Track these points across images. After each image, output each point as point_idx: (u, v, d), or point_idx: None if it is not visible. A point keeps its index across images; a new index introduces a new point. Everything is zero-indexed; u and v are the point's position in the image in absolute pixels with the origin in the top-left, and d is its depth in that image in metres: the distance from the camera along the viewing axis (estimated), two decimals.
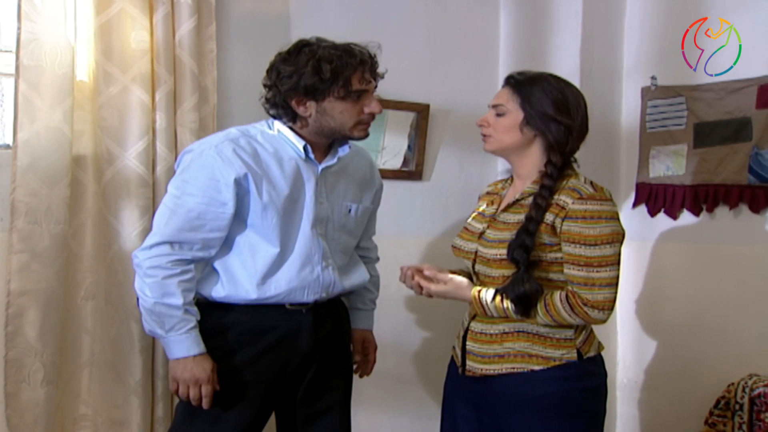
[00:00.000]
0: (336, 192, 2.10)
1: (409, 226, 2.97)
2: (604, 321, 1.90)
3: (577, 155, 3.04)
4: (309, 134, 2.03)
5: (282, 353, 2.03)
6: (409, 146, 3.03)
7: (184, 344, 1.92)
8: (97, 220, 2.35)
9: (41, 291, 2.21)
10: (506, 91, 1.99)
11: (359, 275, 2.20)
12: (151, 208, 2.36)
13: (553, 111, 1.94)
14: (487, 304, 1.93)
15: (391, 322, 2.97)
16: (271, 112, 2.04)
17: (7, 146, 2.30)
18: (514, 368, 1.93)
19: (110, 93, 2.32)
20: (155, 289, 1.90)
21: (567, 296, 1.87)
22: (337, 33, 2.67)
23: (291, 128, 2.03)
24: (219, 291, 1.99)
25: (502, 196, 2.07)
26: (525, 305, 1.86)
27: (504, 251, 1.90)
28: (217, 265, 2.01)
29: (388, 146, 2.98)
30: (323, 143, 2.06)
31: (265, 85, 2.03)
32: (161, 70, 2.37)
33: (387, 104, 2.92)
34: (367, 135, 2.05)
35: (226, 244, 2.00)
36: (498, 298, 1.91)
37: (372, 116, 2.03)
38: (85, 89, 2.34)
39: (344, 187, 2.12)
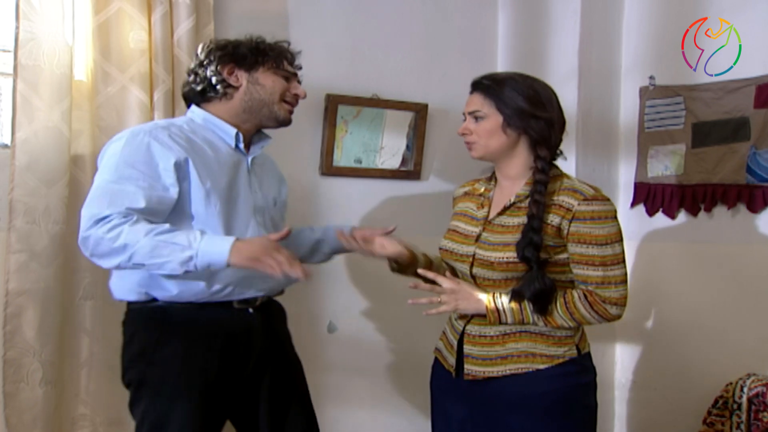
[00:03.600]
0: (264, 183, 2.12)
1: (407, 226, 2.96)
2: (620, 317, 1.94)
3: (574, 155, 3.05)
4: (235, 114, 2.02)
5: (236, 353, 1.98)
6: (407, 146, 3.03)
7: (214, 243, 1.77)
8: None
9: (39, 291, 2.21)
10: (478, 97, 1.99)
11: None
12: None
13: (529, 107, 1.95)
14: (503, 311, 1.93)
15: (389, 322, 2.98)
16: (196, 89, 2.02)
17: (6, 146, 2.30)
18: (518, 369, 1.94)
19: (108, 93, 2.32)
20: (134, 235, 1.73)
21: (585, 295, 1.90)
22: (335, 32, 2.68)
23: (216, 115, 2.02)
24: (168, 290, 1.91)
25: (489, 198, 2.06)
26: (542, 303, 1.89)
27: (509, 254, 1.91)
28: None
29: (387, 146, 2.98)
30: (249, 131, 2.07)
31: (191, 70, 2.05)
32: (159, 70, 2.37)
33: (385, 104, 2.93)
34: (289, 120, 2.10)
35: None
36: (514, 301, 1.92)
37: (296, 98, 2.09)
38: (84, 89, 2.34)
39: (268, 180, 2.15)
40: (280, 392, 2.10)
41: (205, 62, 2.02)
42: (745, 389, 2.54)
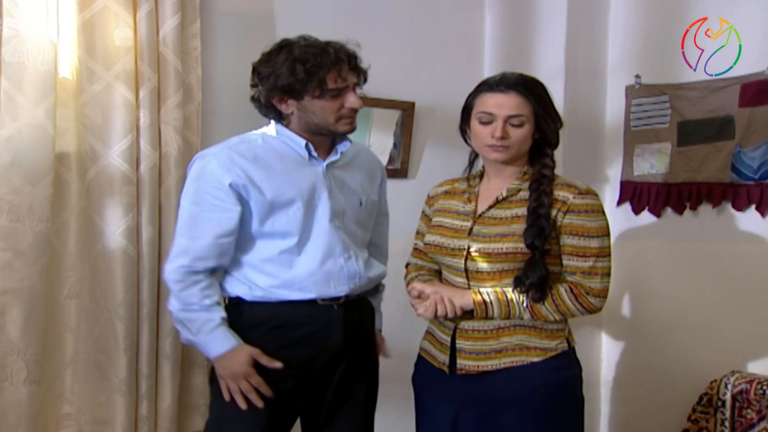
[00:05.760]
0: (347, 186, 2.13)
1: (394, 225, 2.96)
2: (601, 309, 1.99)
3: (561, 153, 3.07)
4: (300, 131, 2.07)
5: (313, 348, 2.06)
6: (394, 144, 3.03)
7: (215, 343, 1.99)
8: (80, 218, 2.34)
9: (24, 289, 2.19)
10: (517, 99, 1.96)
11: (379, 268, 2.22)
12: (135, 206, 2.35)
13: (554, 111, 2.01)
14: (490, 302, 1.95)
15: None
16: (261, 111, 2.09)
17: None
18: (513, 362, 1.97)
19: (93, 90, 2.31)
20: (179, 300, 2.00)
21: (570, 289, 1.95)
22: (322, 31, 2.66)
23: (287, 127, 2.07)
24: (248, 292, 2.05)
25: (476, 194, 2.08)
26: (543, 289, 1.93)
27: (508, 245, 1.94)
28: (240, 267, 2.07)
29: (374, 144, 2.98)
30: (321, 140, 2.10)
31: (251, 85, 2.08)
32: (145, 68, 2.35)
33: (372, 102, 2.92)
34: (352, 128, 2.09)
35: (245, 247, 2.05)
36: (504, 301, 1.95)
37: (353, 111, 2.06)
38: (68, 86, 2.33)
39: (352, 181, 2.15)
40: (344, 390, 2.15)
41: (256, 89, 2.05)
42: (729, 386, 2.56)
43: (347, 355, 2.12)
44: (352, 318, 2.12)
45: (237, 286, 2.07)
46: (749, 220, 2.73)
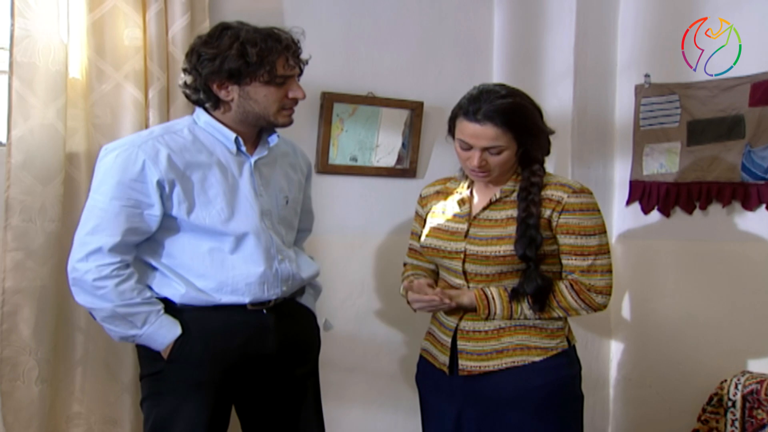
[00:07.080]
0: (272, 183, 2.07)
1: (403, 224, 2.97)
2: (605, 306, 2.00)
3: (569, 153, 3.07)
4: (233, 122, 1.98)
5: (246, 356, 2.00)
6: (403, 144, 3.03)
7: (164, 330, 1.91)
8: None
9: (36, 289, 2.21)
10: (492, 130, 1.92)
11: (311, 267, 2.18)
12: None
13: (540, 125, 2.00)
14: (492, 298, 1.96)
15: (384, 320, 2.98)
16: (192, 97, 1.99)
17: (1, 144, 2.29)
18: (514, 362, 1.98)
19: (103, 90, 2.32)
20: (116, 295, 1.86)
21: (571, 285, 1.96)
22: (330, 30, 2.68)
23: (216, 119, 1.99)
24: (178, 293, 1.95)
25: (469, 195, 2.08)
26: (542, 299, 1.94)
27: (505, 247, 1.94)
28: (168, 267, 1.97)
29: (382, 144, 2.98)
30: (251, 133, 2.03)
31: (184, 70, 1.98)
32: (154, 68, 2.36)
33: (381, 102, 2.93)
34: (291, 121, 2.03)
35: (173, 246, 1.96)
36: (506, 298, 1.95)
37: (295, 101, 2.00)
38: (78, 86, 2.34)
39: (277, 178, 2.09)
40: (286, 393, 2.11)
41: (192, 74, 1.95)
42: (740, 386, 2.55)
43: (282, 360, 2.06)
44: (284, 322, 2.05)
45: (168, 287, 1.95)
46: (760, 219, 2.72)
